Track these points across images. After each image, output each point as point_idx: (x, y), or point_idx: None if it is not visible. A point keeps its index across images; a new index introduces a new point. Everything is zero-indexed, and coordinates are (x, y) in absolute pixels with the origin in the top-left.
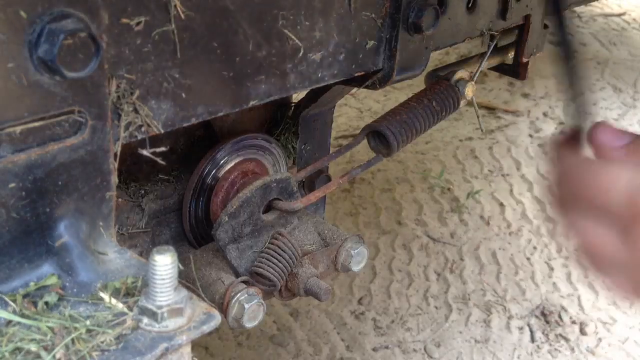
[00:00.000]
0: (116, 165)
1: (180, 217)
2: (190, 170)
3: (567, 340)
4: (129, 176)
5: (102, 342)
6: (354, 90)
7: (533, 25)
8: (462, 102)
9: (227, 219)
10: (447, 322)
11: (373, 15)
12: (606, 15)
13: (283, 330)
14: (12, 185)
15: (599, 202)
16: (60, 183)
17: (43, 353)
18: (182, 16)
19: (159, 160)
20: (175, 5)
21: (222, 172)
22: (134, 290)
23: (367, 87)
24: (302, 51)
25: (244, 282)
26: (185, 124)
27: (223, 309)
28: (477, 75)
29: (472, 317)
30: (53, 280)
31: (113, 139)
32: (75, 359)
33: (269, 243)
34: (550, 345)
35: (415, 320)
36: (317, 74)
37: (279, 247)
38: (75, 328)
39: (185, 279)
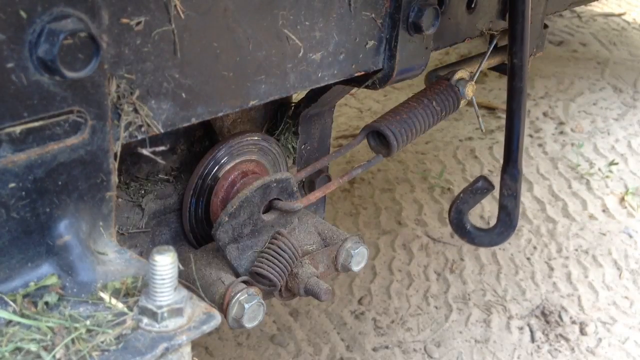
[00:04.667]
0: (116, 165)
1: (180, 217)
2: (190, 170)
3: (567, 340)
4: (129, 176)
5: (102, 342)
6: (354, 90)
7: (533, 25)
8: (462, 102)
9: (227, 219)
10: (447, 322)
11: (373, 15)
12: (606, 15)
13: (283, 330)
14: (12, 185)
15: None
16: (60, 183)
17: (43, 353)
18: (182, 16)
19: (159, 159)
20: (175, 5)
21: (222, 172)
22: (134, 290)
23: (367, 87)
24: (302, 51)
25: (244, 282)
26: (185, 124)
27: (223, 309)
28: (477, 75)
29: (472, 317)
30: (53, 280)
31: (113, 139)
32: (75, 359)
33: (268, 243)
34: (550, 345)
35: (415, 320)
36: (317, 74)
37: (279, 247)
38: (75, 328)
39: (185, 279)
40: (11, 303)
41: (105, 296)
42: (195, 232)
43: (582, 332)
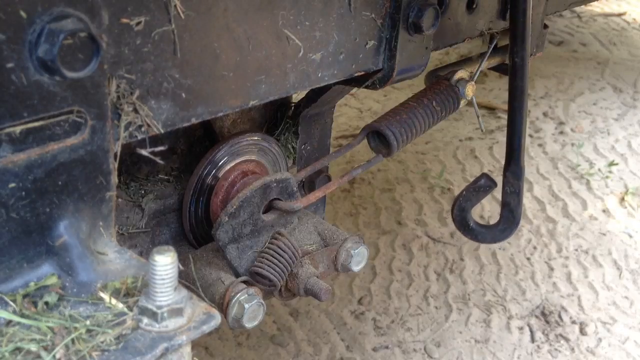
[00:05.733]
0: (116, 165)
1: (180, 217)
2: (190, 170)
3: (567, 340)
4: (129, 176)
5: (102, 342)
6: (354, 90)
7: (533, 25)
8: (462, 102)
9: (227, 219)
10: (447, 322)
11: (373, 15)
12: (606, 15)
13: (283, 330)
14: (12, 185)
15: None
16: (60, 183)
17: (43, 353)
18: (182, 16)
19: (158, 159)
20: (175, 5)
21: (222, 172)
22: (134, 290)
23: (367, 87)
24: (302, 51)
25: (244, 282)
26: (185, 124)
27: (223, 309)
28: (477, 75)
29: (472, 317)
30: (53, 280)
31: (113, 139)
32: (75, 359)
33: (268, 243)
34: (550, 345)
35: (415, 320)
36: (317, 74)
37: (279, 247)
38: (75, 328)
39: (185, 279)
40: (11, 303)
41: (105, 296)
42: (195, 232)
43: (582, 332)
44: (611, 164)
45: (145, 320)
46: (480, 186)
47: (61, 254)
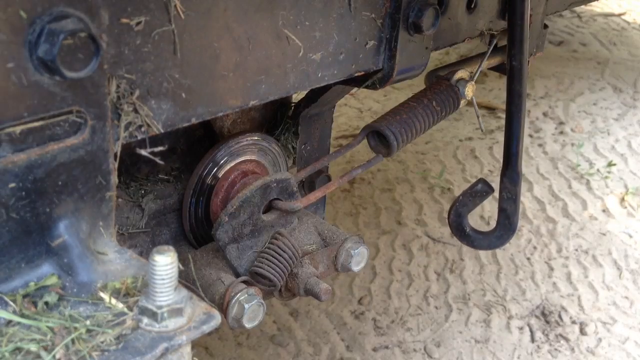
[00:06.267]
0: (116, 165)
1: (180, 217)
2: (190, 170)
3: (567, 340)
4: (129, 176)
5: (102, 342)
6: (354, 90)
7: (533, 25)
8: (462, 102)
9: (227, 219)
10: (447, 322)
11: (373, 15)
12: (606, 15)
13: (283, 330)
14: (12, 185)
15: None
16: (60, 183)
17: (43, 353)
18: (182, 16)
19: (158, 159)
20: (175, 5)
21: (222, 172)
22: (134, 290)
23: (367, 87)
24: (302, 51)
25: (244, 282)
26: (185, 124)
27: (223, 309)
28: (477, 75)
29: (472, 317)
30: (53, 280)
31: (113, 139)
32: (75, 359)
33: (268, 243)
34: (550, 345)
35: (415, 320)
36: (317, 74)
37: (279, 247)
38: (75, 328)
39: (185, 279)
40: (11, 303)
41: (105, 296)
42: (195, 232)
43: (582, 332)
44: (611, 164)
45: (145, 320)
46: (477, 191)
47: (61, 254)
